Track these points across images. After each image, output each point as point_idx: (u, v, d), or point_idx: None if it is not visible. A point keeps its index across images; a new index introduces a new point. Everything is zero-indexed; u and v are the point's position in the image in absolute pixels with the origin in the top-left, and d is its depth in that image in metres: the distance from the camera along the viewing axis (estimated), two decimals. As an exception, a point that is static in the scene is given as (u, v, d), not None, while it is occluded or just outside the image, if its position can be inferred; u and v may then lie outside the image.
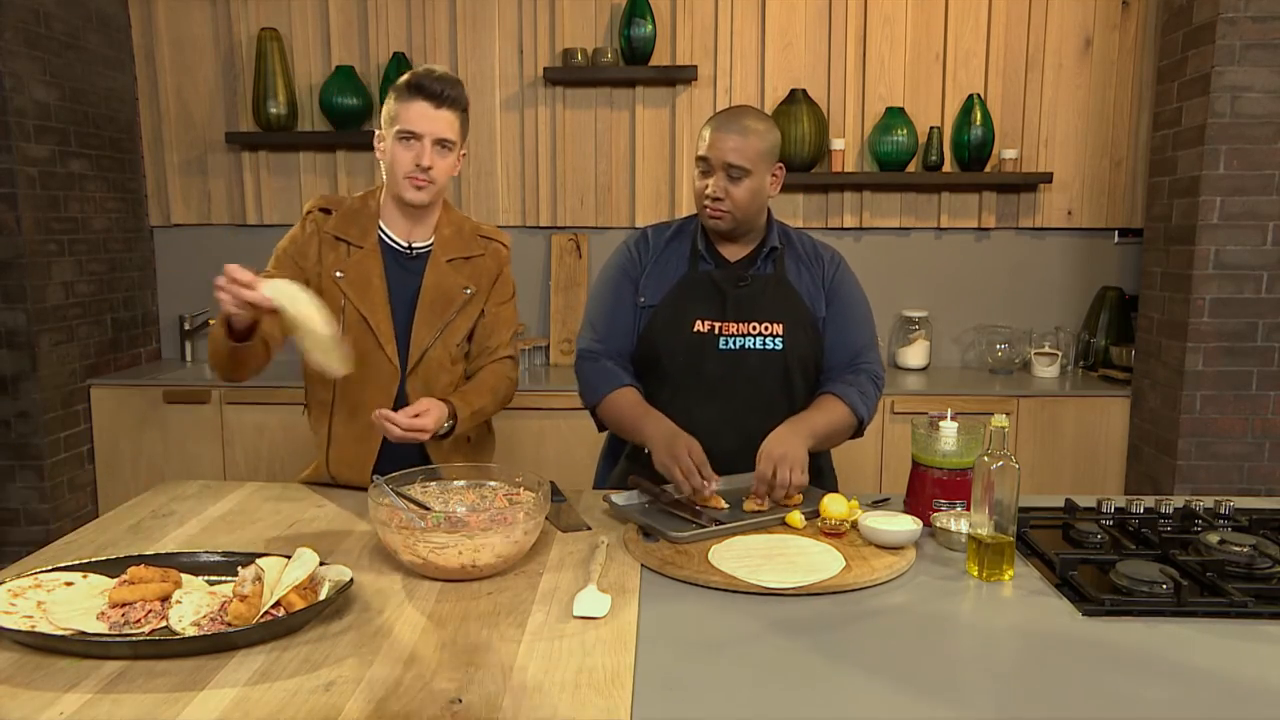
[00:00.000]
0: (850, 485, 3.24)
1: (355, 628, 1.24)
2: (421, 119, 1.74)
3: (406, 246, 1.88)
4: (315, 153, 3.69)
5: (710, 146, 1.80)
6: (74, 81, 3.33)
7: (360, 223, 1.86)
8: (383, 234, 1.88)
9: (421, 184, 1.78)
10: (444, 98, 1.75)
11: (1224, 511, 1.67)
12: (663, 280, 1.91)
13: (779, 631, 1.24)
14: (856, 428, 1.88)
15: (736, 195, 1.80)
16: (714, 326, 1.86)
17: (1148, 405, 3.17)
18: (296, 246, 1.85)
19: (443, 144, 1.78)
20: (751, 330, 1.86)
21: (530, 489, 1.56)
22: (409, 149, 1.76)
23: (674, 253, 1.94)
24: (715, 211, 1.83)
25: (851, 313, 1.93)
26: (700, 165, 1.83)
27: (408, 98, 1.75)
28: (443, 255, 1.89)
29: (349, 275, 1.83)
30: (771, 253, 1.91)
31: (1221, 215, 2.89)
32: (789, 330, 1.87)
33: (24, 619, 1.18)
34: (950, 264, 3.69)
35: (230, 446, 3.37)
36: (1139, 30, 3.47)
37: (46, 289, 3.21)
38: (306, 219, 1.87)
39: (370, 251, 1.85)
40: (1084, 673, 1.13)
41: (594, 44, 3.56)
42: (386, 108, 1.80)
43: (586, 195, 3.66)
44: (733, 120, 1.81)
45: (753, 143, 1.79)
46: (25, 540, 3.21)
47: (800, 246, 1.95)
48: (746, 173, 1.79)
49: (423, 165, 1.76)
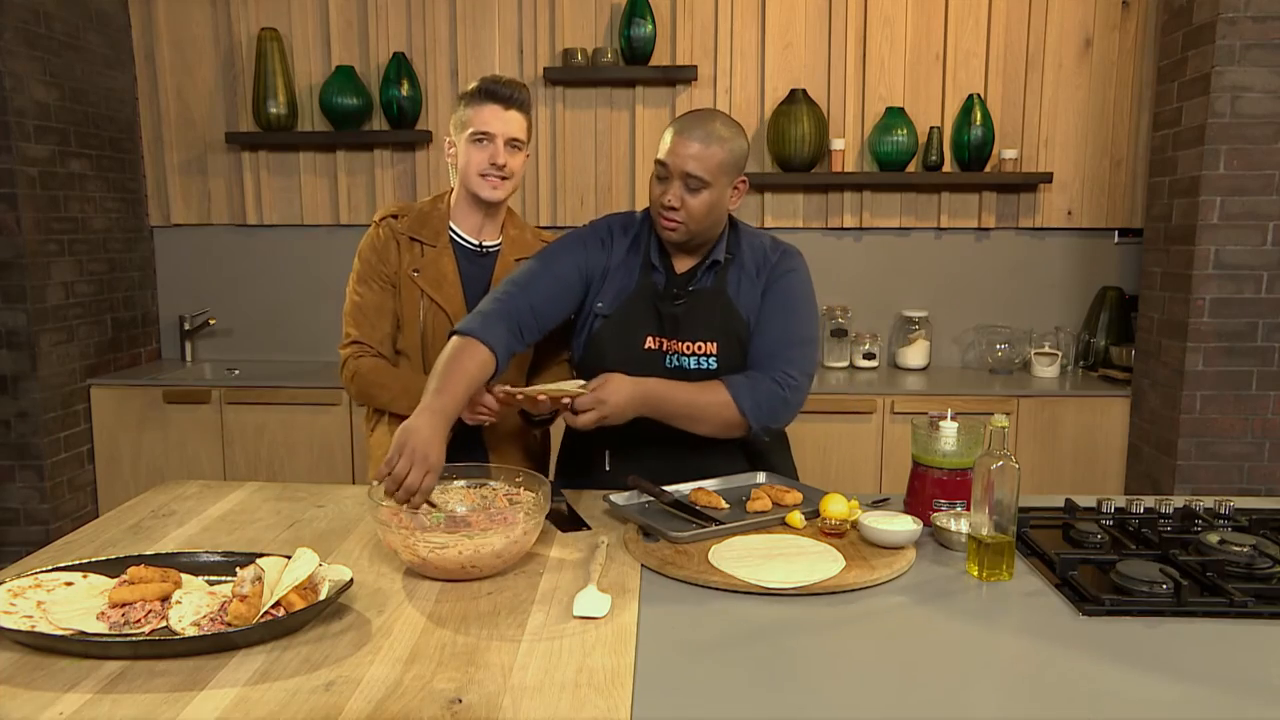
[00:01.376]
0: (850, 485, 3.26)
1: (355, 628, 1.24)
2: (494, 120, 1.86)
3: (478, 245, 1.98)
4: (315, 153, 3.69)
5: (670, 152, 1.69)
6: (74, 81, 3.33)
7: (432, 224, 1.96)
8: (454, 233, 1.97)
9: (497, 182, 1.89)
10: (513, 100, 1.87)
11: (1224, 511, 1.67)
12: (619, 290, 1.82)
13: (779, 631, 1.24)
14: (742, 425, 1.71)
15: (693, 207, 1.69)
16: (662, 344, 1.80)
17: (1148, 405, 3.17)
18: (376, 251, 1.94)
19: (513, 143, 1.89)
20: (687, 350, 1.78)
21: (530, 489, 1.56)
22: (483, 149, 1.87)
23: (631, 260, 1.84)
24: (669, 222, 1.72)
25: (779, 310, 1.79)
26: (658, 170, 1.72)
27: (479, 102, 1.87)
28: (511, 254, 1.99)
29: (425, 272, 1.93)
30: (713, 266, 1.80)
31: (1221, 215, 2.89)
32: (722, 349, 1.77)
33: (24, 619, 1.18)
34: (950, 264, 3.69)
35: (230, 446, 3.37)
36: (1139, 30, 3.47)
37: (46, 289, 3.21)
38: (380, 225, 1.97)
39: (443, 249, 1.95)
40: (1084, 673, 1.13)
41: (594, 44, 3.57)
42: (457, 115, 1.91)
43: (586, 195, 3.66)
44: (696, 126, 1.69)
45: (715, 152, 1.67)
46: (25, 540, 3.21)
47: (750, 255, 1.82)
48: (706, 184, 1.68)
49: (498, 163, 1.87)
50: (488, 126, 1.86)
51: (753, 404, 1.70)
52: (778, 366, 1.74)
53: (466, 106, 1.88)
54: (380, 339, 1.93)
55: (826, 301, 3.67)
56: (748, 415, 1.70)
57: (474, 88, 1.89)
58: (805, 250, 1.92)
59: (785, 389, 1.72)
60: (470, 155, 1.88)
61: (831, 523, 1.56)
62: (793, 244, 1.89)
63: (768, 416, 1.72)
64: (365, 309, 1.93)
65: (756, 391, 1.70)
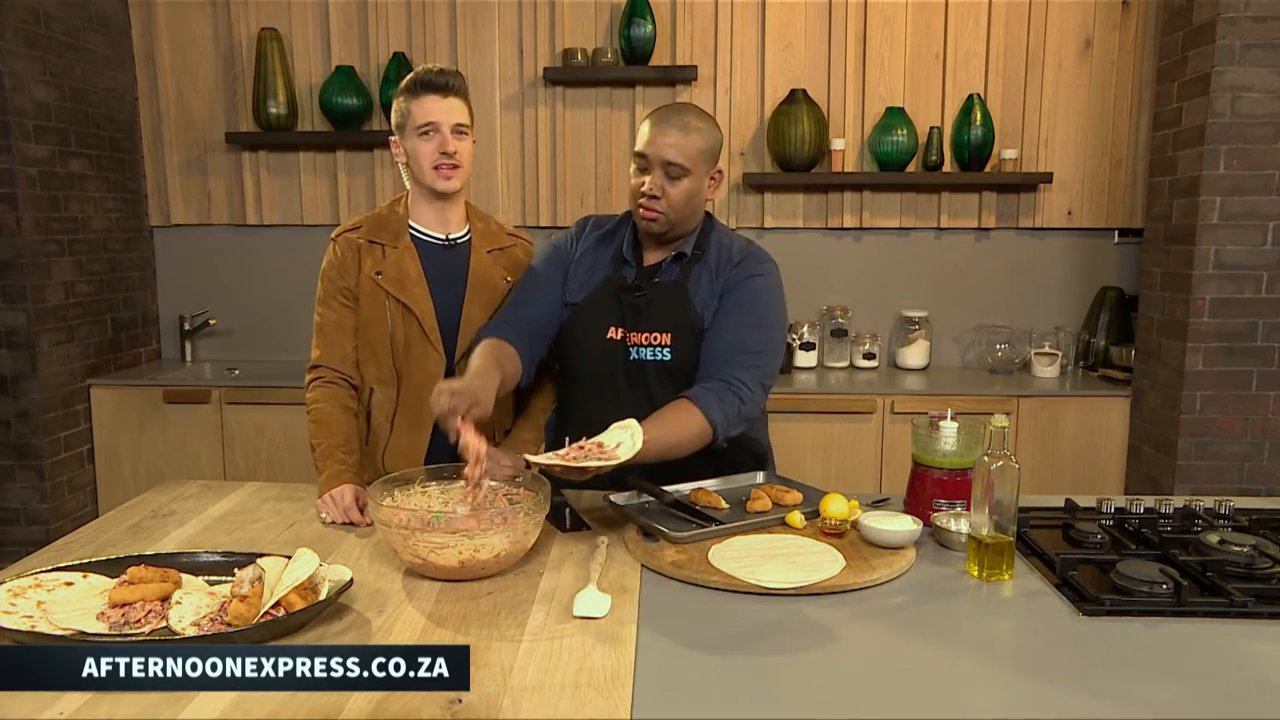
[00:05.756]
0: (850, 485, 3.25)
1: (355, 628, 1.24)
2: (436, 109, 1.83)
3: (444, 238, 1.95)
4: (315, 153, 3.69)
5: (649, 143, 1.73)
6: (74, 81, 3.33)
7: (391, 226, 1.94)
8: (415, 231, 1.94)
9: (449, 171, 1.86)
10: (450, 87, 1.84)
11: (1224, 511, 1.67)
12: (586, 280, 1.86)
13: (779, 631, 1.24)
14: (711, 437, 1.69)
15: (673, 195, 1.73)
16: (625, 335, 1.81)
17: (1148, 405, 3.17)
18: (336, 268, 1.92)
19: (459, 129, 1.86)
20: (645, 340, 1.80)
21: (530, 489, 1.56)
22: (430, 141, 1.84)
23: (603, 252, 1.88)
24: (649, 211, 1.75)
25: (736, 314, 1.77)
26: (638, 161, 1.76)
27: (418, 94, 1.84)
28: (483, 245, 1.97)
29: (387, 273, 1.90)
30: (679, 259, 1.82)
31: (1221, 215, 2.89)
32: (676, 340, 1.78)
33: (24, 619, 1.18)
34: (950, 264, 3.69)
35: (230, 446, 3.37)
36: (1139, 30, 3.47)
37: (46, 289, 3.21)
38: (337, 241, 1.94)
39: (405, 250, 1.92)
40: (1084, 673, 1.13)
41: (594, 44, 3.56)
42: (396, 112, 1.88)
43: (587, 195, 3.66)
44: (674, 116, 1.75)
45: (694, 140, 1.72)
46: (25, 540, 3.21)
47: (716, 253, 1.82)
48: (686, 172, 1.72)
49: (447, 151, 1.84)
50: (430, 116, 1.82)
51: (721, 419, 1.68)
52: (729, 372, 1.71)
53: (405, 102, 1.85)
54: (341, 358, 1.91)
55: (826, 301, 3.67)
56: (717, 428, 1.68)
57: (409, 81, 1.86)
58: (805, 250, 1.91)
59: (744, 401, 1.71)
60: (418, 149, 1.85)
61: (831, 523, 1.56)
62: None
63: (729, 424, 1.70)
64: (326, 328, 1.92)
65: (725, 405, 1.68)
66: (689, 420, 1.66)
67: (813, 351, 3.61)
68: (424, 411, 1.84)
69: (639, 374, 1.81)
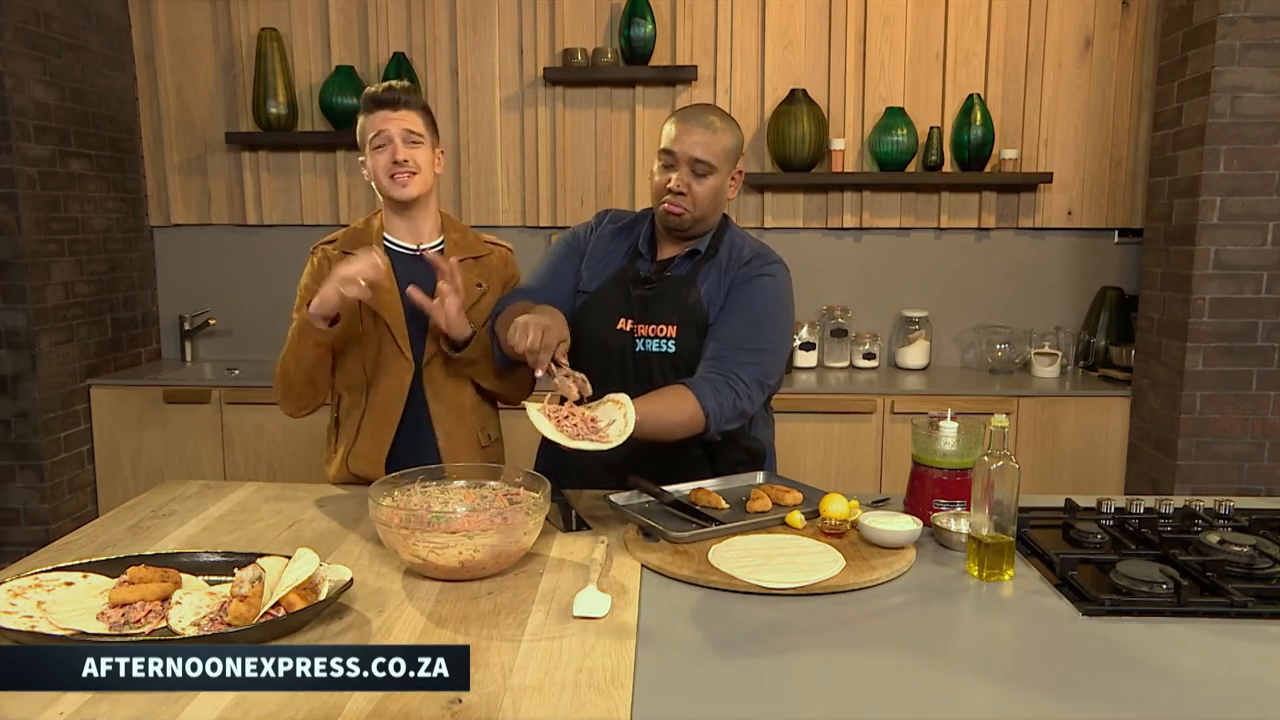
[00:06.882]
0: (850, 485, 3.25)
1: (355, 628, 1.24)
2: (386, 122, 1.88)
3: (415, 248, 1.99)
4: (315, 153, 3.69)
5: (676, 140, 1.77)
6: (74, 81, 3.33)
7: (365, 239, 1.98)
8: (389, 242, 1.99)
9: (404, 177, 1.90)
10: (399, 101, 1.89)
11: (1224, 511, 1.67)
12: (601, 270, 1.91)
13: (779, 631, 1.24)
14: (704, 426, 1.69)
15: (699, 192, 1.78)
16: (632, 327, 1.85)
17: (1148, 405, 3.17)
18: (312, 276, 1.97)
19: (411, 137, 1.89)
20: (651, 332, 1.83)
21: (530, 489, 1.56)
22: (384, 152, 1.89)
23: (619, 244, 1.92)
24: (675, 206, 1.79)
25: (741, 312, 1.79)
26: (663, 159, 1.80)
27: (370, 111, 1.90)
28: (454, 254, 1.98)
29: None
30: (691, 255, 1.86)
31: (1221, 215, 2.89)
32: (681, 333, 1.81)
33: (24, 619, 1.18)
34: (950, 264, 3.69)
35: (230, 446, 3.37)
36: (1139, 30, 3.47)
37: (46, 289, 3.21)
38: (314, 255, 2.01)
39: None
40: (1084, 673, 1.13)
41: (594, 44, 3.56)
42: (359, 132, 1.94)
43: (587, 195, 3.66)
44: (700, 115, 1.80)
45: (720, 139, 1.78)
46: (25, 540, 3.21)
47: (727, 252, 1.86)
48: (712, 169, 1.77)
49: (399, 160, 1.88)
50: (379, 128, 1.88)
51: (715, 408, 1.68)
52: (728, 368, 1.72)
53: (361, 120, 1.92)
54: None
55: (826, 301, 3.67)
56: (710, 416, 1.68)
57: (362, 100, 1.93)
58: (805, 250, 1.92)
59: (739, 397, 1.71)
60: (375, 161, 1.90)
61: (831, 523, 1.56)
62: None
63: (723, 416, 1.70)
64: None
65: (720, 395, 1.69)
66: (683, 404, 1.67)
67: (813, 351, 3.61)
68: (390, 416, 1.94)
69: (644, 364, 1.84)
